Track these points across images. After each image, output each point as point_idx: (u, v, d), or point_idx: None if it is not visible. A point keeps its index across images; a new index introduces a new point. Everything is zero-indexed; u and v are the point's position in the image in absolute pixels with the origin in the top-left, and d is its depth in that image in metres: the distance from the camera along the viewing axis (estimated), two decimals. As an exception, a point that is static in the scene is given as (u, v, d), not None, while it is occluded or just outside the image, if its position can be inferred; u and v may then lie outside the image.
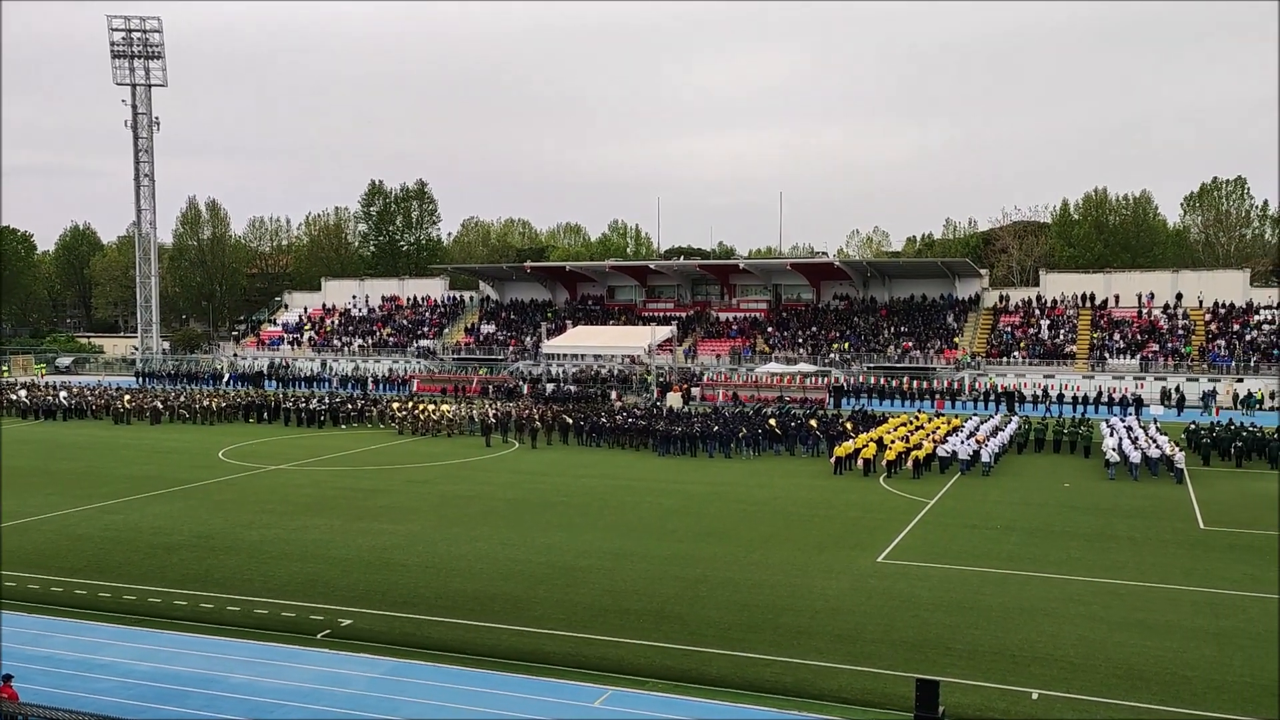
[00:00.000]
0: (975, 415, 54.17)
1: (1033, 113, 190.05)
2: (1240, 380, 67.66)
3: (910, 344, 75.49)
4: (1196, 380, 68.11)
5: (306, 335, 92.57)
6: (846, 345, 76.38)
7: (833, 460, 39.77)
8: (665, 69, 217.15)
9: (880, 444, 41.04)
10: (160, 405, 60.54)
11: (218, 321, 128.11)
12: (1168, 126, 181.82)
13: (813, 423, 46.83)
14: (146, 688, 17.20)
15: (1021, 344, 74.27)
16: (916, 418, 51.33)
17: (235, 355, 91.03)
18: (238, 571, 24.67)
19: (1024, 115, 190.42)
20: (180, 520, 30.78)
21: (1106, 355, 71.17)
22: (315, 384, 78.95)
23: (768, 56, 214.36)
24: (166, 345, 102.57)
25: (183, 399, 63.05)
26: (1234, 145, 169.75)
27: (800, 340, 78.59)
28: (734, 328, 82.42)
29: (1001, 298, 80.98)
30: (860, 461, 39.20)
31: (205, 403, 60.91)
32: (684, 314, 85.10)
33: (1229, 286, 76.45)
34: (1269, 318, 73.60)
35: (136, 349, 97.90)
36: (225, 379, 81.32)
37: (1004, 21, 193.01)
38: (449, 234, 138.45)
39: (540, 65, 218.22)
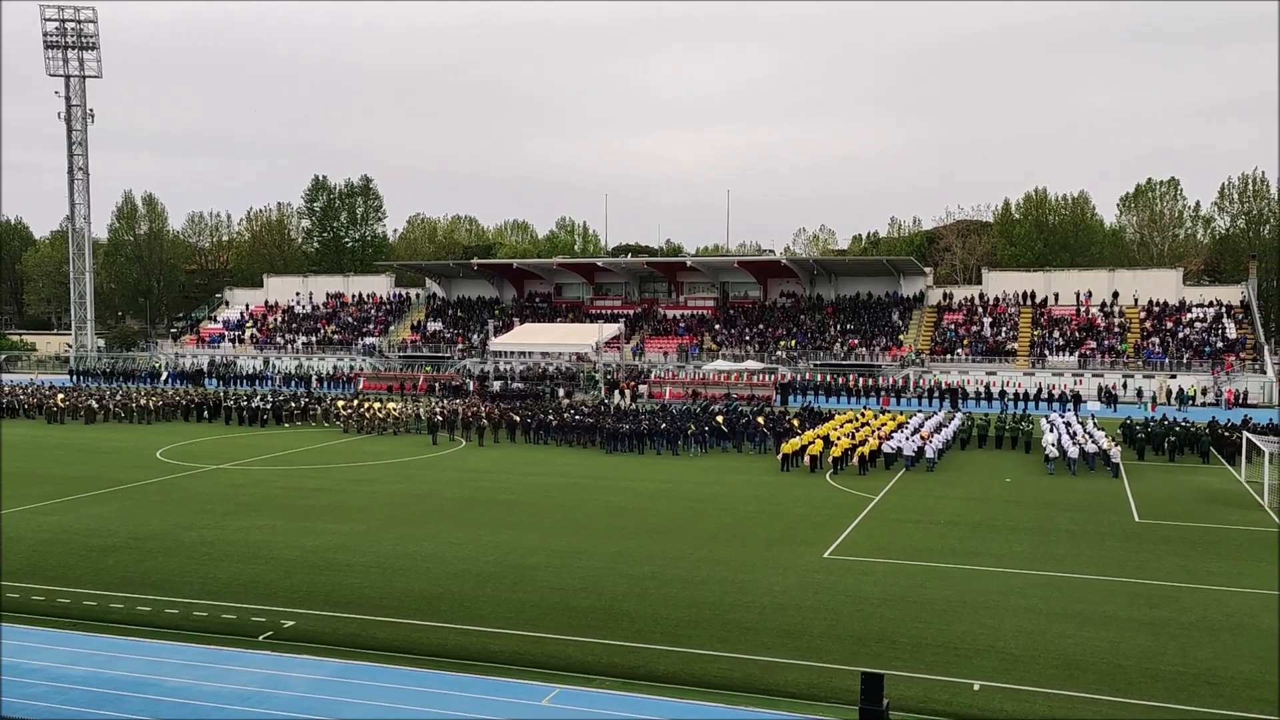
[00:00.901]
0: (920, 412, 55.20)
1: (977, 115, 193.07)
2: (1174, 377, 68.99)
3: (856, 341, 76.16)
4: (1132, 376, 69.27)
5: (248, 333, 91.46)
6: (793, 343, 76.76)
7: (780, 457, 39.80)
8: (614, 68, 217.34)
9: (827, 441, 41.07)
10: (95, 404, 59.60)
11: (155, 319, 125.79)
12: (1105, 128, 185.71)
13: (760, 420, 46.76)
14: (80, 692, 16.88)
15: (965, 341, 75.42)
16: (862, 414, 51.69)
17: (175, 354, 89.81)
18: (176, 573, 24.19)
19: (968, 117, 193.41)
20: (117, 521, 30.17)
21: (1046, 352, 72.09)
22: (257, 382, 77.90)
23: (717, 57, 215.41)
24: (102, 343, 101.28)
25: (119, 398, 61.81)
26: (1169, 148, 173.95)
27: (747, 338, 78.67)
28: (681, 325, 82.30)
29: (945, 295, 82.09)
30: (807, 458, 39.24)
31: (142, 401, 59.77)
32: (632, 311, 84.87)
33: (1163, 285, 78.00)
34: (1201, 315, 74.93)
35: (71, 346, 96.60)
36: (164, 377, 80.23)
37: (950, 26, 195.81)
38: (395, 231, 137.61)
39: (488, 62, 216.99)
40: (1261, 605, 22.40)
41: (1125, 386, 68.46)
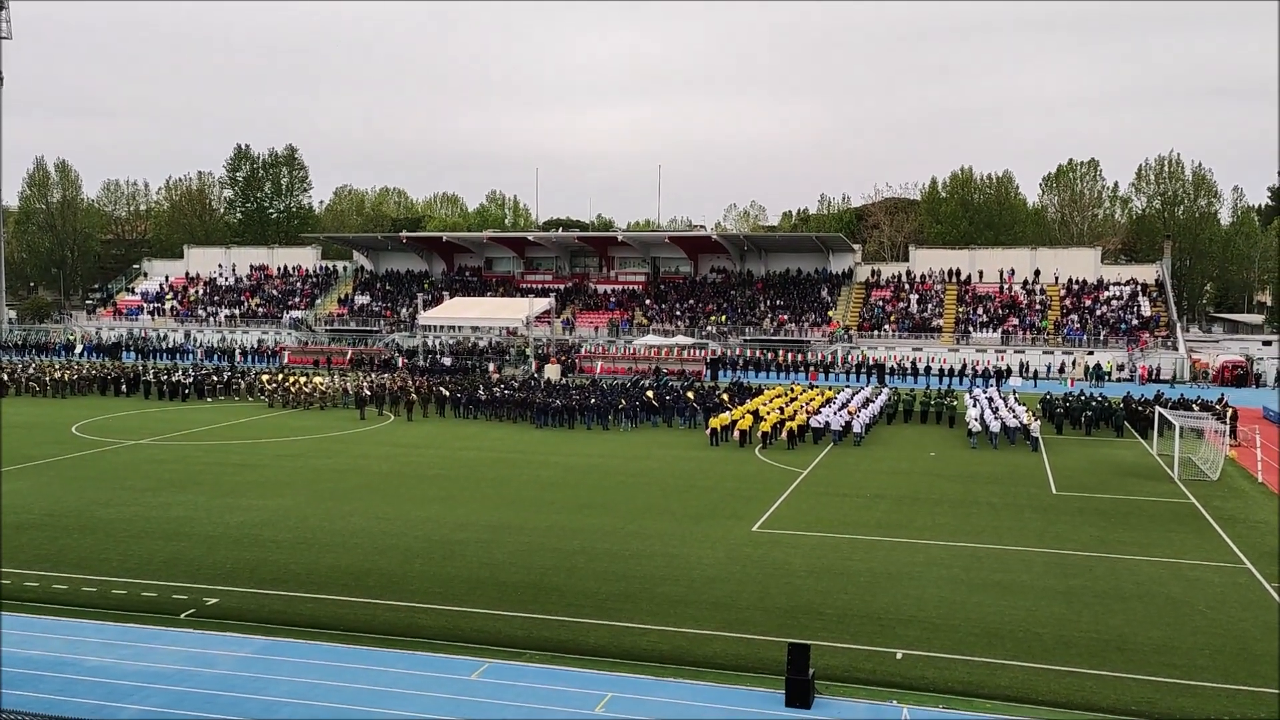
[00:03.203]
0: (848, 387, 54.49)
1: (906, 94, 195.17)
2: (1091, 353, 69.17)
3: (785, 317, 75.59)
4: (1052, 353, 70.09)
5: (169, 305, 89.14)
6: (724, 318, 76.04)
7: (709, 432, 39.74)
8: (544, 41, 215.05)
9: (756, 415, 41.02)
10: (6, 378, 57.85)
11: (69, 290, 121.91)
12: (1029, 110, 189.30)
13: (690, 395, 46.65)
14: (-5, 674, 16.37)
15: (892, 318, 74.81)
16: (791, 389, 51.49)
17: (93, 326, 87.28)
18: (93, 551, 23.75)
19: (898, 96, 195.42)
20: (30, 498, 29.40)
21: (970, 329, 72.37)
22: (178, 356, 76.30)
23: (649, 31, 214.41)
24: (13, 315, 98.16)
25: (32, 370, 59.90)
26: (1089, 130, 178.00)
27: (678, 313, 78.11)
28: (613, 300, 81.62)
29: (873, 272, 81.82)
30: (736, 433, 39.32)
31: (57, 375, 57.88)
32: (563, 286, 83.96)
33: (1082, 264, 78.95)
34: (1118, 294, 76.22)
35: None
36: (79, 350, 77.90)
37: (884, 8, 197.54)
38: (321, 202, 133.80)
39: (417, 33, 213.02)
40: (1171, 574, 22.95)
41: (1048, 367, 69.61)
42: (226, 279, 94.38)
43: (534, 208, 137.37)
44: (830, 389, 52.87)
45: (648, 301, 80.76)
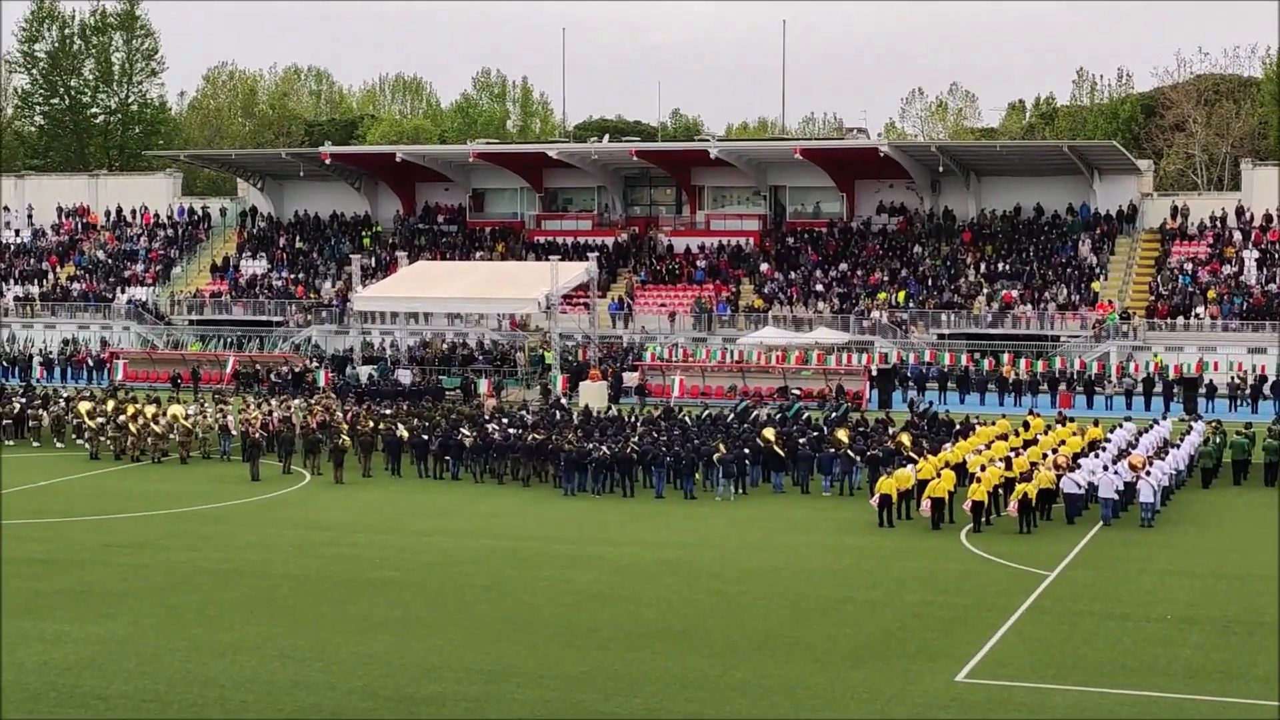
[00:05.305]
0: (1128, 421, 44.60)
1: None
2: None
3: (1013, 295, 59.25)
4: None
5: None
6: (902, 295, 60.70)
7: (876, 501, 33.14)
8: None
9: (962, 472, 34.79)
10: None
11: None
12: None
13: (841, 434, 39.97)
14: None
15: (1210, 293, 57.64)
16: (1026, 425, 43.31)
17: None
18: None
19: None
20: None
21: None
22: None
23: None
24: None
25: None
26: None
27: (819, 287, 62.42)
28: (700, 265, 64.83)
29: (1175, 211, 61.85)
30: (926, 502, 32.77)
31: None
32: (611, 240, 67.58)
33: None
34: None
35: None
36: None
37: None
38: (181, 95, 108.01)
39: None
40: None
41: None
42: (19, 232, 76.96)
43: (559, 100, 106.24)
44: (1096, 424, 43.52)
45: (763, 267, 64.42)
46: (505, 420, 42.40)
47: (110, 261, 71.80)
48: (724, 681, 20.07)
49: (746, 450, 37.47)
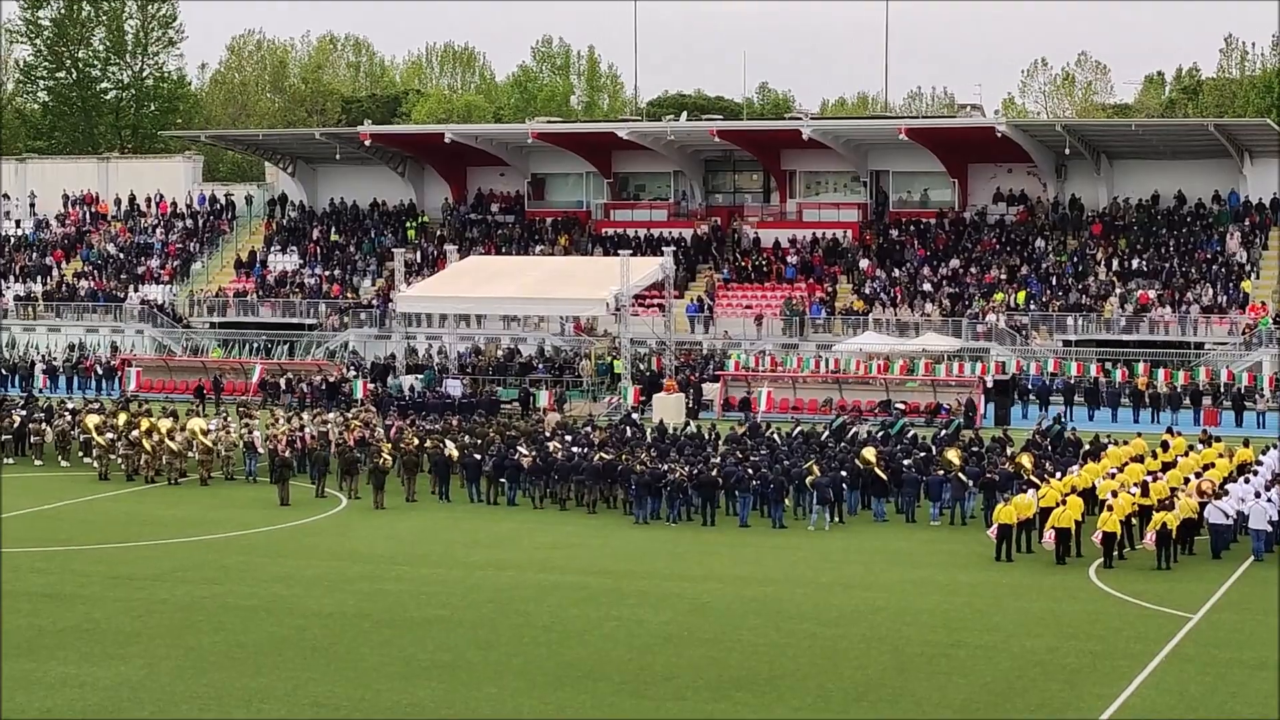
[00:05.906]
0: None
1: None
2: None
3: (1150, 294, 57.11)
4: None
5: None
6: (1021, 296, 58.67)
7: (993, 532, 32.01)
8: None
9: (1090, 499, 33.32)
10: None
11: None
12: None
13: (952, 454, 37.74)
14: None
15: None
16: (1165, 446, 39.97)
17: None
18: None
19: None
20: None
21: None
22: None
23: None
24: None
25: None
26: None
27: (927, 286, 60.63)
28: (791, 261, 62.73)
29: None
30: (1050, 534, 31.58)
31: None
32: (690, 233, 65.62)
33: None
34: None
35: None
36: None
37: None
38: (202, 68, 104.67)
39: None
40: None
41: None
42: (20, 222, 74.98)
43: (630, 74, 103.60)
44: (1246, 446, 40.41)
45: (863, 264, 62.49)
46: (569, 438, 41.07)
47: (122, 256, 69.91)
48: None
49: (844, 473, 36.29)
